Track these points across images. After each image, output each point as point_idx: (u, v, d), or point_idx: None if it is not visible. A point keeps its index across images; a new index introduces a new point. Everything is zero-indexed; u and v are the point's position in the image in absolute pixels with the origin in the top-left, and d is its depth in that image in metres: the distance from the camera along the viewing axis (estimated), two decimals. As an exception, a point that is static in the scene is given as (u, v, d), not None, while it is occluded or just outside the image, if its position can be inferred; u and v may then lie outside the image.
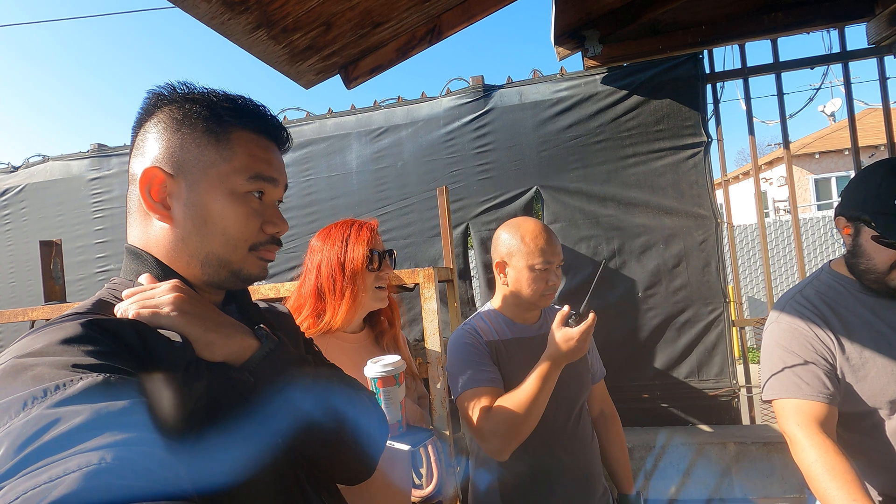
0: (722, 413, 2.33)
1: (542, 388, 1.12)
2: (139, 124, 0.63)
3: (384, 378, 1.01)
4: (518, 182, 2.58)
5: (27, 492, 0.32)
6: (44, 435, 0.36)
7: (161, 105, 0.62)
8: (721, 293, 2.34)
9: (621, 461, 1.43)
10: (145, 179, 0.59)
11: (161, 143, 0.61)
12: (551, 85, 2.58)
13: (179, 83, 0.63)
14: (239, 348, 0.59)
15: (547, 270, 1.25)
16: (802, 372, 1.12)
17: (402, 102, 2.76)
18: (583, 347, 1.12)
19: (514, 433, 1.12)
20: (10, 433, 0.36)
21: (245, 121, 0.63)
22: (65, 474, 0.33)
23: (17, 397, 0.39)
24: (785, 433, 1.13)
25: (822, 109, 14.70)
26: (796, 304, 1.18)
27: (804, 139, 13.20)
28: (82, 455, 0.35)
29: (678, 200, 2.40)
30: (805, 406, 1.09)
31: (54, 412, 0.38)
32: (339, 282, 1.17)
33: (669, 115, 2.43)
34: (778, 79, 2.45)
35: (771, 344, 1.19)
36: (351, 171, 2.78)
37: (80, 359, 0.43)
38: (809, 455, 1.04)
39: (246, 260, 0.64)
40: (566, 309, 1.16)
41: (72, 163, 3.17)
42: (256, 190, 0.63)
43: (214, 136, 0.61)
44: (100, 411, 0.39)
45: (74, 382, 0.40)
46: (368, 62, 1.92)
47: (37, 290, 2.59)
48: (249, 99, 0.66)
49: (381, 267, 1.22)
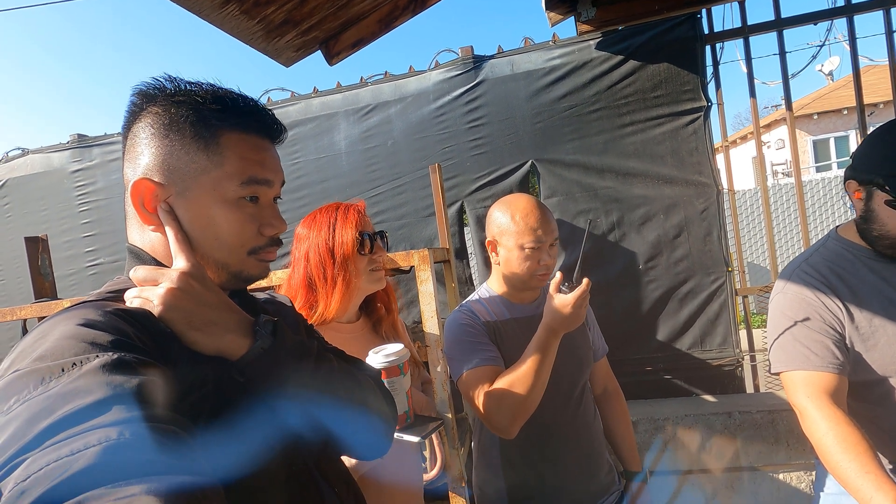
0: (726, 382, 2.32)
1: (542, 359, 1.07)
2: (127, 126, 0.62)
3: (388, 369, 0.97)
4: (512, 156, 2.51)
5: (50, 464, 0.33)
6: (62, 409, 0.37)
7: (147, 106, 0.60)
8: (723, 262, 2.30)
9: (626, 438, 1.41)
10: (136, 192, 0.59)
11: (150, 150, 0.59)
12: (544, 53, 2.48)
13: (165, 79, 0.61)
14: (227, 348, 0.57)
15: (538, 249, 1.20)
16: (811, 342, 1.08)
17: (390, 78, 2.66)
18: (580, 314, 1.06)
19: (520, 409, 1.08)
20: (29, 406, 0.38)
21: (233, 121, 0.61)
22: (85, 448, 0.34)
23: (35, 371, 0.41)
24: (794, 406, 1.10)
25: (819, 69, 14.43)
26: (803, 273, 1.14)
27: (801, 100, 13.00)
28: (101, 430, 0.36)
29: (678, 169, 2.33)
30: (814, 377, 1.06)
31: (71, 387, 0.39)
32: (329, 269, 1.11)
33: (667, 80, 2.34)
34: (780, 37, 2.35)
35: (777, 315, 1.15)
36: (340, 151, 2.70)
37: (95, 338, 0.45)
38: (820, 427, 1.02)
39: (246, 263, 0.63)
40: (559, 276, 1.10)
41: (52, 155, 3.07)
42: (250, 195, 0.62)
43: (203, 141, 0.59)
44: (116, 387, 0.40)
45: (91, 360, 0.42)
46: (350, 35, 1.82)
47: (28, 287, 2.54)
48: (239, 94, 0.63)
49: (374, 249, 1.16)
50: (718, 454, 2.05)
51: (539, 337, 1.10)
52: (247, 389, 0.58)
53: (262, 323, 0.60)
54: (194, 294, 0.55)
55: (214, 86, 0.63)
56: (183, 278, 0.55)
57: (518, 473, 1.26)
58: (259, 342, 0.58)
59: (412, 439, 0.99)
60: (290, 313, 0.83)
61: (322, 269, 1.12)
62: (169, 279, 0.55)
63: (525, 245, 1.19)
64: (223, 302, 0.58)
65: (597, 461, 1.30)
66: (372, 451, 0.76)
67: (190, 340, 0.55)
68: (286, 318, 0.79)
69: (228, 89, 0.63)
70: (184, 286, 0.55)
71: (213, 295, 0.57)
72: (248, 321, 0.60)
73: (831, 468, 0.99)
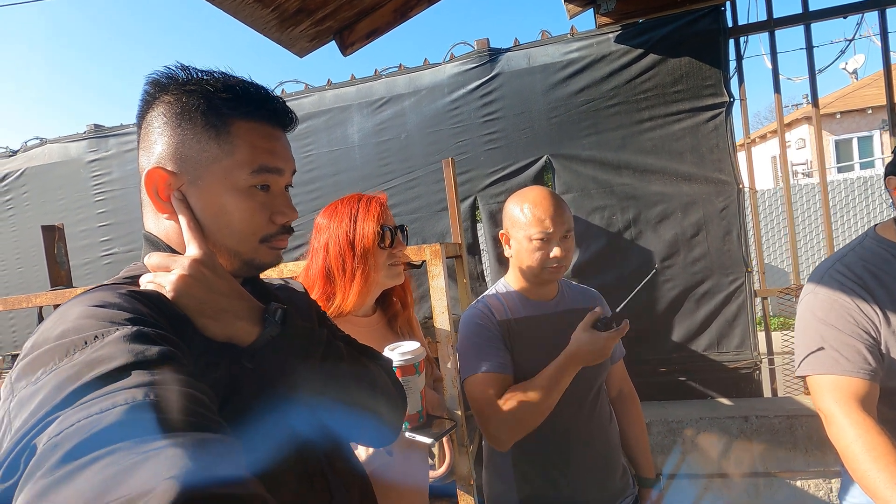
0: (742, 385, 2.26)
1: (555, 385, 1.07)
2: (141, 115, 0.63)
3: (403, 367, 0.95)
4: (527, 151, 2.47)
5: (80, 420, 0.36)
6: (87, 374, 0.40)
7: (159, 95, 0.61)
8: (743, 262, 2.24)
9: (641, 443, 1.38)
10: (150, 181, 0.60)
11: (163, 138, 0.60)
12: (561, 46, 2.43)
13: (177, 67, 0.61)
14: (237, 335, 0.58)
15: (546, 241, 1.17)
16: (841, 346, 1.03)
17: (404, 70, 2.63)
18: (606, 353, 1.07)
19: (521, 426, 1.08)
20: (56, 374, 0.41)
21: (244, 110, 0.61)
22: (112, 407, 0.37)
23: (60, 346, 0.43)
24: (820, 411, 1.05)
25: (844, 67, 14.06)
26: (836, 274, 1.09)
27: (824, 98, 12.67)
28: (127, 391, 0.38)
29: (697, 166, 2.27)
30: (843, 382, 1.02)
31: (95, 355, 0.42)
32: (349, 261, 1.09)
33: (688, 75, 2.27)
34: (807, 30, 2.28)
35: (807, 316, 1.11)
36: (353, 144, 2.68)
37: (113, 317, 0.47)
38: (848, 434, 0.97)
39: (257, 251, 0.64)
40: (598, 311, 1.10)
41: (70, 145, 3.10)
42: (261, 183, 0.62)
43: (214, 130, 0.59)
44: (137, 354, 0.43)
45: (111, 332, 0.44)
46: (364, 25, 1.79)
47: (44, 275, 2.58)
48: (249, 83, 0.63)
49: (394, 244, 1.14)
50: (733, 459, 2.00)
51: (558, 363, 1.09)
52: (256, 376, 0.59)
53: (272, 311, 0.60)
54: (205, 281, 0.56)
55: (226, 74, 0.63)
56: (194, 266, 0.56)
57: (530, 475, 1.24)
58: (268, 330, 0.58)
59: (425, 440, 0.97)
60: (303, 300, 0.82)
61: (342, 260, 1.09)
62: (181, 266, 0.55)
63: (533, 236, 1.16)
64: (234, 289, 0.59)
65: (611, 464, 1.27)
66: (379, 439, 0.76)
67: (201, 326, 0.56)
68: (298, 304, 0.79)
69: (240, 78, 0.63)
70: (195, 273, 0.55)
71: (224, 282, 0.58)
72: (258, 308, 0.60)
73: (858, 477, 0.95)
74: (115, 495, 0.30)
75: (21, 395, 0.41)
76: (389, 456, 1.02)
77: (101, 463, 0.33)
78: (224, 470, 0.36)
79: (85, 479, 0.32)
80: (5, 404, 0.42)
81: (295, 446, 0.61)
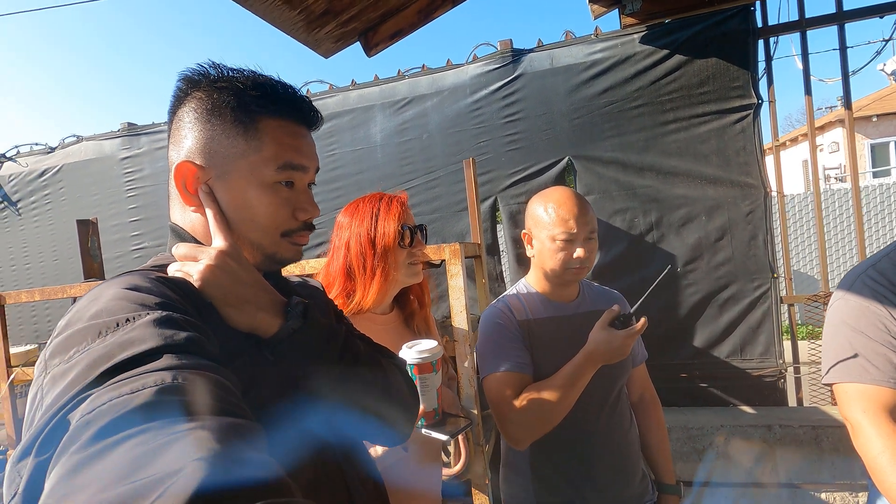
0: (766, 394, 2.21)
1: (574, 384, 1.06)
2: (173, 110, 0.64)
3: (421, 365, 0.96)
4: (549, 152, 2.46)
5: (112, 399, 0.37)
6: (119, 355, 0.41)
7: (191, 91, 0.62)
8: (769, 268, 2.19)
9: (661, 448, 1.35)
10: (179, 174, 0.61)
11: (193, 133, 0.62)
12: (585, 47, 2.41)
13: (209, 65, 0.63)
14: (260, 325, 0.59)
15: (570, 242, 1.16)
16: (871, 354, 1.00)
17: (427, 71, 2.65)
18: (624, 352, 1.05)
19: (539, 425, 1.07)
20: (89, 354, 0.42)
21: (272, 108, 0.63)
22: (143, 388, 0.38)
23: (92, 327, 0.45)
24: (847, 420, 1.02)
25: (881, 68, 13.53)
26: (868, 280, 1.05)
27: (860, 101, 12.23)
28: (157, 373, 0.39)
29: (723, 169, 2.23)
30: (872, 391, 0.99)
31: (126, 337, 0.43)
32: (369, 260, 1.11)
33: (715, 76, 2.23)
34: (841, 31, 2.21)
35: (836, 322, 1.08)
36: (375, 144, 2.71)
37: (144, 300, 0.48)
38: (875, 445, 0.94)
39: (279, 245, 0.65)
40: (616, 309, 1.08)
41: (104, 142, 3.22)
42: (285, 179, 0.63)
43: (243, 127, 0.61)
44: (167, 338, 0.44)
45: (142, 316, 0.46)
46: (389, 27, 1.82)
47: (79, 267, 2.68)
48: (278, 82, 0.65)
49: (414, 243, 1.16)
50: (756, 469, 1.95)
51: (576, 362, 1.08)
52: (276, 369, 0.60)
53: (294, 304, 0.61)
54: (231, 272, 0.58)
55: (255, 73, 0.65)
56: (221, 256, 0.57)
57: (547, 476, 1.23)
58: (290, 322, 0.60)
59: (440, 437, 0.98)
60: (321, 298, 0.84)
61: (362, 258, 1.12)
62: (208, 256, 0.57)
63: (557, 237, 1.16)
64: (258, 281, 0.60)
65: (631, 469, 1.25)
66: (393, 437, 0.77)
67: (225, 316, 0.58)
68: (317, 302, 0.80)
69: (269, 76, 0.65)
70: (221, 264, 0.57)
71: (249, 274, 0.59)
72: (280, 301, 0.62)
73: (885, 489, 0.92)
74: (145, 473, 0.31)
75: (54, 372, 0.43)
76: (405, 451, 1.04)
77: (132, 442, 0.34)
78: (250, 453, 0.37)
79: (116, 456, 0.33)
80: (38, 380, 0.44)
81: (311, 443, 0.61)
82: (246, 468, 0.35)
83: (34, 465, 0.37)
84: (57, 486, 0.33)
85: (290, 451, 0.56)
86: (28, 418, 0.44)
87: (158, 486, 0.30)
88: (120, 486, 0.30)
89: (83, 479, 0.32)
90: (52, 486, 0.33)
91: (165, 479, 0.31)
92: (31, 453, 0.37)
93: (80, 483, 0.32)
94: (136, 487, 0.30)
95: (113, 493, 0.30)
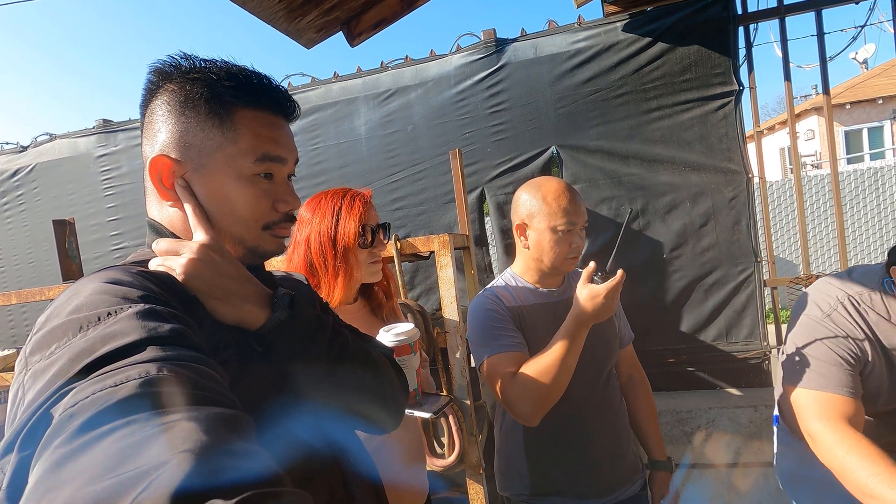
0: (752, 376, 2.26)
1: (569, 349, 1.05)
2: (145, 104, 0.63)
3: (399, 347, 0.96)
4: (535, 142, 2.46)
5: (96, 392, 0.36)
6: (101, 348, 0.40)
7: (163, 83, 0.61)
8: (752, 252, 2.23)
9: (651, 427, 1.38)
10: (154, 169, 0.60)
11: (167, 126, 0.60)
12: (568, 36, 2.41)
13: (181, 56, 0.61)
14: (246, 318, 0.58)
15: (570, 232, 1.17)
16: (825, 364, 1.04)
17: (410, 62, 2.63)
18: (610, 306, 1.04)
19: (544, 397, 1.06)
20: (70, 349, 0.41)
21: (247, 99, 0.61)
22: (127, 381, 0.37)
23: (73, 321, 0.44)
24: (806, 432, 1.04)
25: (854, 56, 13.85)
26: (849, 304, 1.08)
27: (834, 89, 12.46)
28: (140, 365, 0.39)
29: (706, 155, 2.26)
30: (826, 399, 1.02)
31: (109, 331, 0.42)
32: (330, 259, 1.10)
33: (697, 63, 2.25)
34: (818, 17, 2.24)
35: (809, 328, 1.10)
36: (360, 137, 2.68)
37: (126, 293, 0.47)
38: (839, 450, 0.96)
39: (261, 238, 0.64)
40: (592, 266, 1.08)
41: (79, 140, 3.12)
42: (264, 171, 0.62)
43: (218, 118, 0.60)
44: (150, 331, 0.43)
45: (124, 309, 0.45)
46: (372, 16, 1.79)
47: (56, 269, 2.60)
48: (252, 72, 0.64)
49: (375, 243, 1.15)
50: (742, 448, 2.00)
51: (567, 326, 1.07)
52: (265, 360, 0.59)
53: (280, 296, 0.61)
54: (214, 264, 0.57)
55: (229, 63, 0.63)
56: (203, 249, 0.56)
57: (541, 459, 1.24)
58: (276, 314, 0.59)
59: (424, 415, 0.99)
60: (306, 290, 0.84)
61: (323, 257, 1.11)
62: (190, 250, 0.56)
63: (558, 227, 1.16)
64: (242, 273, 0.59)
65: (621, 449, 1.28)
66: (384, 425, 0.77)
67: (211, 309, 0.57)
68: (303, 293, 0.80)
69: (242, 66, 0.63)
70: (204, 257, 0.56)
71: (232, 266, 0.59)
72: (266, 293, 0.61)
73: (859, 488, 0.91)
74: (131, 466, 0.31)
75: (35, 368, 0.42)
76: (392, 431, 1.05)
77: (117, 434, 0.33)
78: (239, 443, 0.36)
79: (101, 449, 0.32)
80: (19, 377, 0.43)
81: (303, 435, 0.60)
82: (235, 458, 0.34)
83: (17, 460, 0.36)
84: (41, 480, 0.32)
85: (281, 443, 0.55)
86: (10, 416, 0.43)
87: (145, 478, 0.30)
88: (106, 480, 0.30)
89: (68, 472, 0.31)
90: (36, 479, 0.32)
91: (151, 471, 0.30)
92: (13, 449, 0.37)
93: (65, 477, 0.31)
94: (121, 480, 0.30)
95: (99, 487, 0.29)
